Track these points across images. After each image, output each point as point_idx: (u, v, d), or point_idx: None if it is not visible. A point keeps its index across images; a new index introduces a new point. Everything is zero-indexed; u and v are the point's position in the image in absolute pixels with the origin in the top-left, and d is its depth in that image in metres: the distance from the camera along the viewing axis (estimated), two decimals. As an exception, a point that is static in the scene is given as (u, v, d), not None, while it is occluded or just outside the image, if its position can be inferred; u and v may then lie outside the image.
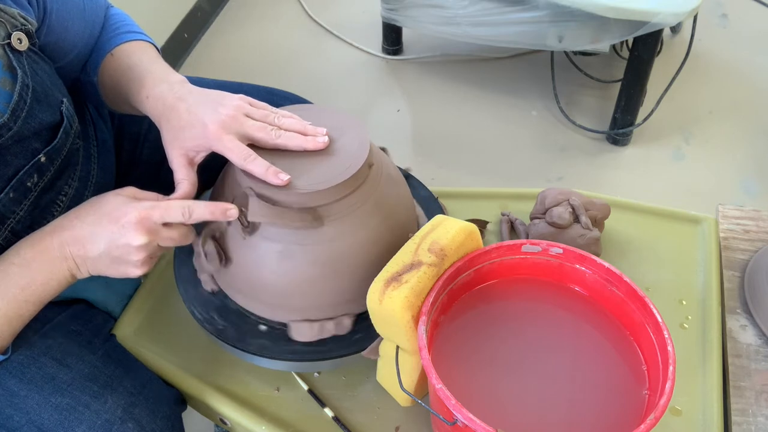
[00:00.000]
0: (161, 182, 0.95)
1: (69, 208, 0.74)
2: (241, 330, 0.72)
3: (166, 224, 0.64)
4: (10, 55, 0.65)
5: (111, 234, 0.62)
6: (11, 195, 0.67)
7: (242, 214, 0.63)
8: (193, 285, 0.76)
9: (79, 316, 0.79)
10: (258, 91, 1.00)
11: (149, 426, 0.69)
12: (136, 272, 0.65)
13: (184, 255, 0.79)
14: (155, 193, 0.67)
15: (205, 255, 0.69)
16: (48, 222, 0.68)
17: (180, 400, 0.78)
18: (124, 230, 0.62)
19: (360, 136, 0.71)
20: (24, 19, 0.67)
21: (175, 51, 2.15)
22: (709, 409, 0.72)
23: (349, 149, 0.70)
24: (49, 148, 0.70)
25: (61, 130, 0.71)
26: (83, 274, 0.66)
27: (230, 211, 0.62)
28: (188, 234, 0.66)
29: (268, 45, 2.26)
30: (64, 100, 0.73)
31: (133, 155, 0.95)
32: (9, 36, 0.65)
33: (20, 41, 0.66)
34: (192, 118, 0.68)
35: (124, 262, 0.64)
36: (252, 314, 0.73)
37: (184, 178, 0.69)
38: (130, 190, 0.66)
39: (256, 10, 2.40)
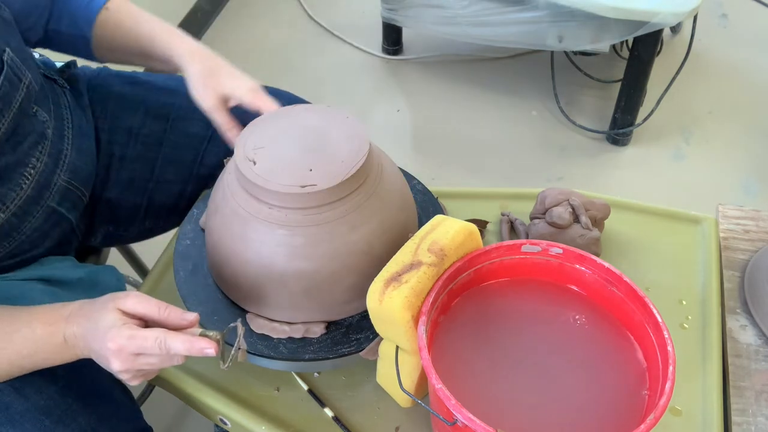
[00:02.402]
0: (156, 179, 0.95)
1: (39, 184, 0.77)
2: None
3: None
4: None
5: (99, 350, 0.63)
6: None
7: (221, 347, 0.62)
8: (193, 285, 0.76)
9: None
10: None
11: None
12: (130, 383, 0.65)
13: (184, 255, 0.79)
14: (158, 302, 0.64)
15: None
16: (16, 191, 0.73)
17: (139, 421, 0.76)
18: (106, 353, 0.62)
19: (360, 136, 0.71)
20: None
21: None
22: (709, 409, 0.72)
23: (349, 149, 0.70)
24: None
25: (2, 77, 0.70)
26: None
27: (207, 351, 0.61)
28: (171, 359, 0.63)
29: (268, 45, 2.26)
30: (7, 49, 0.72)
31: (126, 149, 0.94)
32: None
33: None
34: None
35: (113, 372, 0.64)
36: (253, 315, 0.73)
37: (223, 126, 0.80)
38: (131, 302, 0.63)
39: (256, 10, 2.40)
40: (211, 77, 0.81)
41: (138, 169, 0.95)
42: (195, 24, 2.22)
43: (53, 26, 0.86)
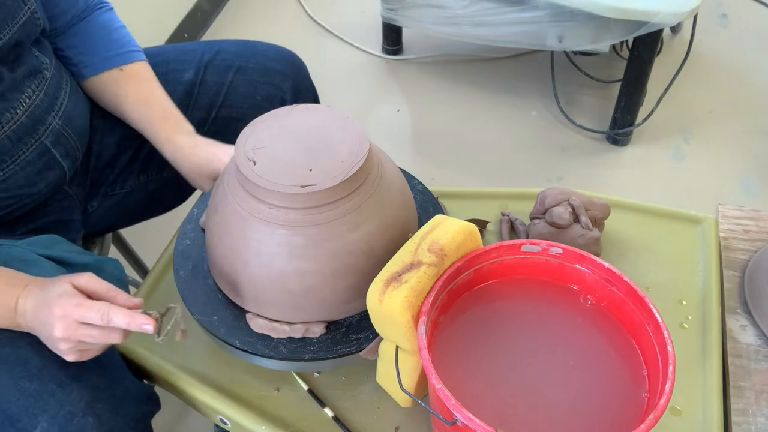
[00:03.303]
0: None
1: (33, 115, 0.83)
2: (241, 330, 0.72)
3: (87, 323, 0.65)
4: None
5: (44, 318, 0.66)
6: None
7: (159, 324, 0.66)
8: (193, 285, 0.76)
9: None
10: (236, 41, 1.05)
11: (109, 423, 0.69)
12: (66, 357, 0.67)
13: (184, 255, 0.79)
14: (109, 285, 0.68)
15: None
16: (10, 113, 0.78)
17: (152, 400, 0.77)
18: (51, 319, 0.65)
19: (359, 136, 0.71)
20: None
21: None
22: (709, 409, 0.72)
23: (349, 149, 0.70)
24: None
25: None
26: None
27: (145, 326, 0.64)
28: (111, 334, 0.66)
29: (270, 40, 2.25)
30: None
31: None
32: None
33: None
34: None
35: (53, 345, 0.67)
36: (253, 314, 0.73)
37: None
38: (84, 279, 0.67)
39: (256, 10, 2.40)
40: (201, 170, 0.88)
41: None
42: (195, 24, 2.22)
43: (66, 39, 0.92)
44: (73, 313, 0.64)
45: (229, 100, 1.01)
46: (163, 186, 1.04)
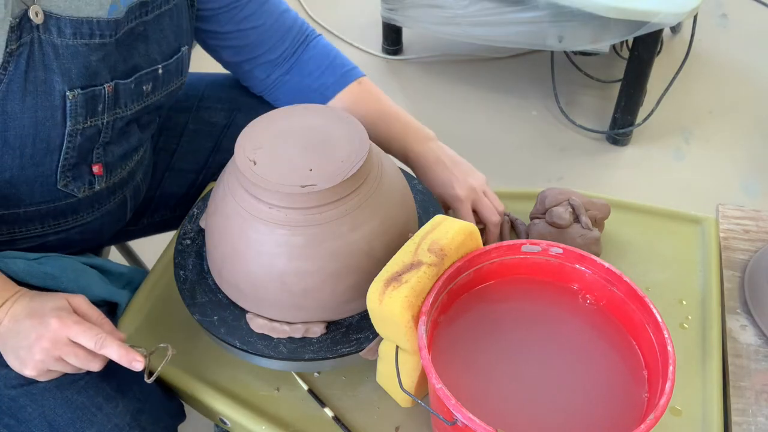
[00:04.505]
0: (171, 168, 0.98)
1: (133, 171, 0.85)
2: (241, 330, 0.72)
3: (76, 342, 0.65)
4: None
5: (29, 326, 0.64)
6: (133, 86, 0.74)
7: (147, 362, 0.65)
8: (193, 285, 0.76)
9: None
10: None
11: None
12: (28, 369, 0.65)
13: (184, 255, 0.79)
14: (99, 312, 0.68)
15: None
16: (122, 168, 0.80)
17: (181, 412, 0.78)
18: (39, 330, 0.63)
19: (360, 136, 0.71)
20: None
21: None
22: (709, 409, 0.72)
23: (349, 149, 0.70)
24: (167, 62, 0.78)
25: (178, 55, 0.79)
26: None
27: (135, 363, 0.64)
28: (93, 361, 0.65)
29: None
30: (185, 48, 0.81)
31: (149, 143, 0.97)
32: None
33: None
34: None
35: (26, 355, 0.64)
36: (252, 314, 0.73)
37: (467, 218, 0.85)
38: (80, 300, 0.68)
39: (256, 10, 2.40)
40: (455, 168, 0.88)
41: (158, 161, 0.97)
42: (195, 24, 2.22)
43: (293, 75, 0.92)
44: (69, 329, 0.63)
45: None
46: (171, 213, 1.04)
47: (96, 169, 0.76)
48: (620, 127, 1.82)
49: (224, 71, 0.98)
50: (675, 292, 0.83)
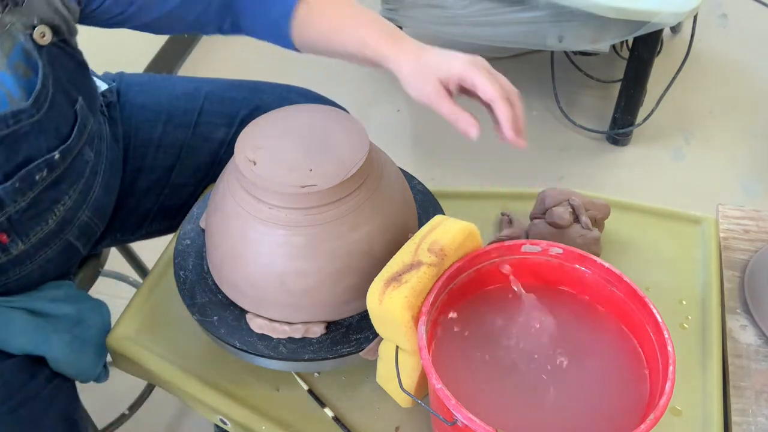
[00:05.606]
0: (171, 183, 0.95)
1: (64, 219, 0.77)
2: (241, 330, 0.72)
3: None
4: (32, 47, 0.67)
5: None
6: (17, 185, 0.69)
7: None
8: (193, 285, 0.76)
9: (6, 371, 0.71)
10: (274, 89, 1.00)
11: None
12: None
13: (184, 255, 0.79)
14: None
15: None
16: (41, 226, 0.72)
17: None
18: None
19: (360, 136, 0.71)
20: (60, 11, 0.69)
21: (176, 51, 2.15)
22: (709, 409, 0.72)
23: (349, 149, 0.70)
24: (64, 146, 0.71)
25: (75, 128, 0.72)
26: None
27: None
28: None
29: (267, 45, 2.25)
30: (79, 98, 0.74)
31: (146, 160, 0.94)
32: (33, 27, 0.67)
33: (43, 35, 0.68)
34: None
35: None
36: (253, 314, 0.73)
37: (449, 116, 0.72)
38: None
39: (256, 10, 2.40)
40: (422, 70, 0.73)
41: (156, 178, 0.95)
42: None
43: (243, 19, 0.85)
44: None
45: None
46: (171, 222, 1.02)
47: (1, 237, 0.71)
48: (620, 127, 1.82)
49: (222, 75, 0.96)
50: (675, 292, 0.83)
